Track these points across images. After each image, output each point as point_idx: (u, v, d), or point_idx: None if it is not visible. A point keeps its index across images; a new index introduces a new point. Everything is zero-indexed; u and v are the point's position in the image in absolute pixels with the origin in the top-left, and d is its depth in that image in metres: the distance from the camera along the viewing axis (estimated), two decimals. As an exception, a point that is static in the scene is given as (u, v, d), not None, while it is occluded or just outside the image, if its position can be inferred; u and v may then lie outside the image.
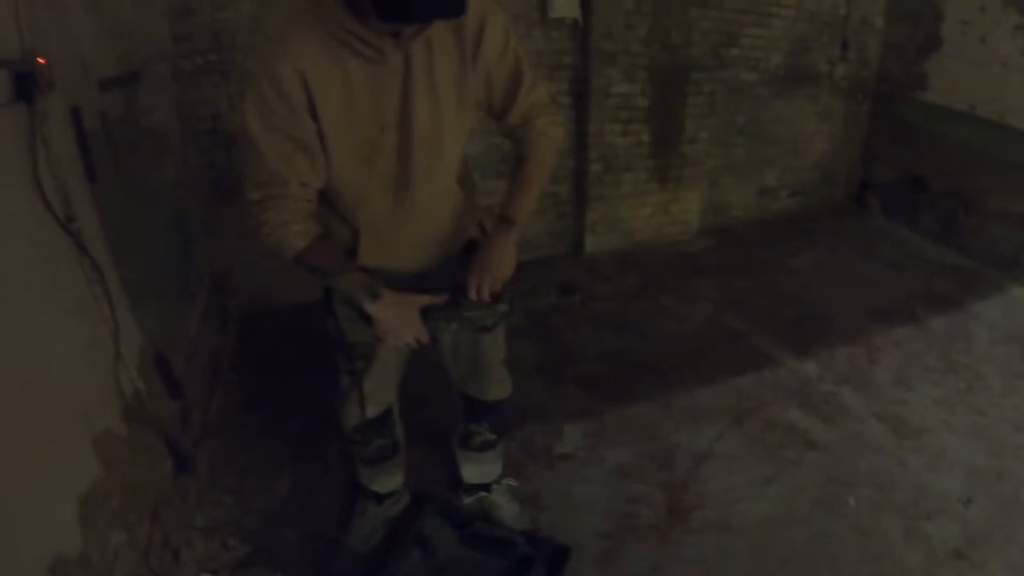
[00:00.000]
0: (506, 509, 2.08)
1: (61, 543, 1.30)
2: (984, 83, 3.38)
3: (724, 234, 3.88)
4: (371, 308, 1.43)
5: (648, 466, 2.29)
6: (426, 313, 1.47)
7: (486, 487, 2.10)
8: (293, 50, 1.22)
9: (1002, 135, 3.34)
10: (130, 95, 2.06)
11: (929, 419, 2.49)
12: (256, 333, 2.99)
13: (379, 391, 1.77)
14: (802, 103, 3.90)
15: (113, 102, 1.90)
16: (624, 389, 2.65)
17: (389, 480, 2.02)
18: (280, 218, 1.35)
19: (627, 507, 2.14)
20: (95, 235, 1.65)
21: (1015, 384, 2.67)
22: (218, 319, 2.75)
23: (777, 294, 3.31)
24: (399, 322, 1.46)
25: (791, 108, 3.88)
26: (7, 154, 1.35)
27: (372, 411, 1.79)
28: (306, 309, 3.10)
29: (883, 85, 3.98)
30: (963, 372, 2.75)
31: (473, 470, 2.08)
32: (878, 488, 2.20)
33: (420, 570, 1.90)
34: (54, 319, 1.46)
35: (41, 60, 1.40)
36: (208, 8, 2.55)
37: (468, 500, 2.12)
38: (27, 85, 1.36)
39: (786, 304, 3.22)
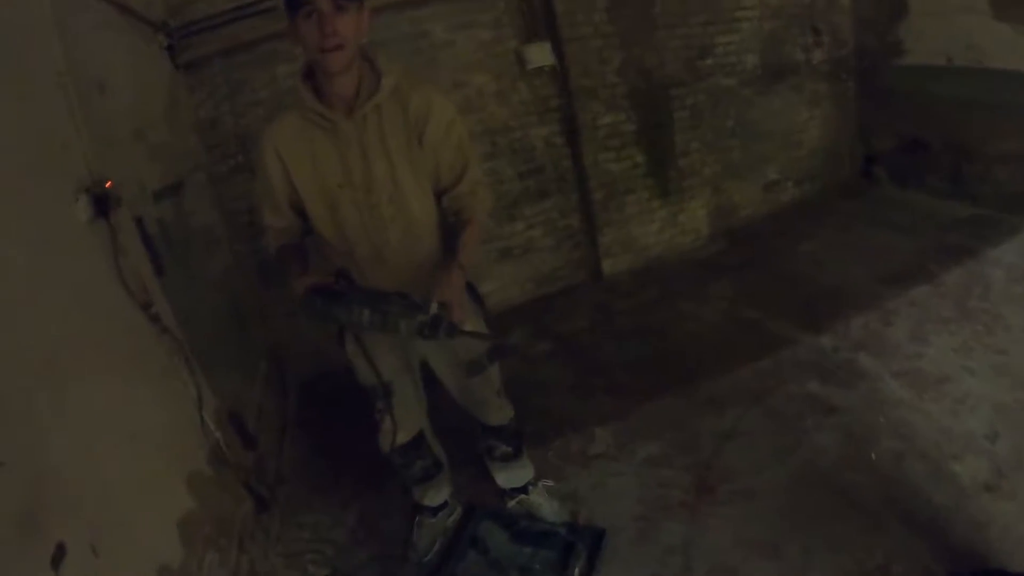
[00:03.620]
0: (546, 506, 2.36)
1: (166, 556, 1.67)
2: (955, 34, 3.56)
3: (736, 234, 4.07)
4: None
5: (675, 453, 2.49)
6: (387, 305, 1.65)
7: (523, 490, 2.39)
8: (273, 133, 1.76)
9: (984, 79, 3.49)
10: (177, 202, 2.54)
11: (948, 368, 2.59)
12: (315, 394, 3.38)
13: (405, 419, 2.10)
14: (788, 95, 4.11)
15: (165, 209, 2.37)
16: (650, 390, 2.86)
17: (438, 494, 2.34)
18: (270, 235, 1.92)
19: (658, 491, 2.34)
20: (169, 317, 2.08)
21: (1038, 317, 2.70)
22: (279, 384, 3.15)
23: (790, 279, 3.48)
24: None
25: (778, 102, 4.09)
26: (96, 260, 1.79)
27: (403, 437, 2.14)
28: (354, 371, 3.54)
29: (863, 60, 4.16)
30: (981, 316, 2.83)
31: (504, 476, 2.40)
32: (900, 439, 2.31)
33: (477, 568, 2.19)
34: (146, 384, 1.88)
35: (109, 183, 1.86)
36: (230, 118, 3.06)
37: (511, 503, 2.41)
38: (103, 204, 1.81)
39: (799, 286, 3.39)
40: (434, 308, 1.64)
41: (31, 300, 1.46)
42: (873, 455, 2.28)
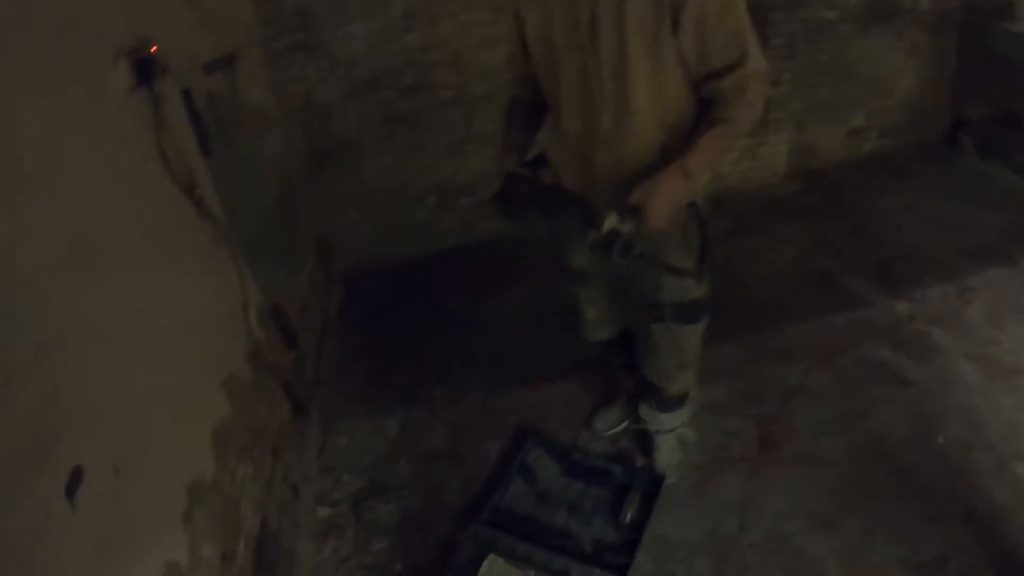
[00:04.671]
0: (663, 453, 2.10)
1: (198, 469, 1.47)
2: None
3: (812, 177, 3.69)
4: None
5: (740, 402, 2.29)
6: (562, 215, 1.50)
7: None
8: None
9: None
10: (230, 76, 2.21)
11: (1022, 360, 2.31)
12: (360, 292, 3.16)
13: (596, 320, 1.95)
14: (887, 39, 3.61)
15: (217, 83, 2.05)
16: (716, 331, 2.59)
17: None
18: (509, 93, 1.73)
19: (720, 440, 2.16)
20: (214, 201, 1.81)
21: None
22: (324, 279, 2.93)
23: (867, 235, 3.14)
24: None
25: (875, 45, 3.60)
26: (135, 133, 1.50)
27: (594, 336, 1.98)
28: (405, 268, 3.33)
29: (970, 16, 3.62)
30: (1059, 312, 2.50)
31: (647, 413, 2.08)
32: (969, 427, 2.09)
33: (524, 498, 2.03)
34: (185, 276, 1.63)
35: (154, 48, 1.53)
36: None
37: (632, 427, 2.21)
38: (145, 71, 1.50)
39: (877, 245, 3.06)
40: (611, 223, 1.41)
41: (53, 173, 1.18)
42: (941, 439, 2.07)
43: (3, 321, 0.99)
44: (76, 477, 1.06)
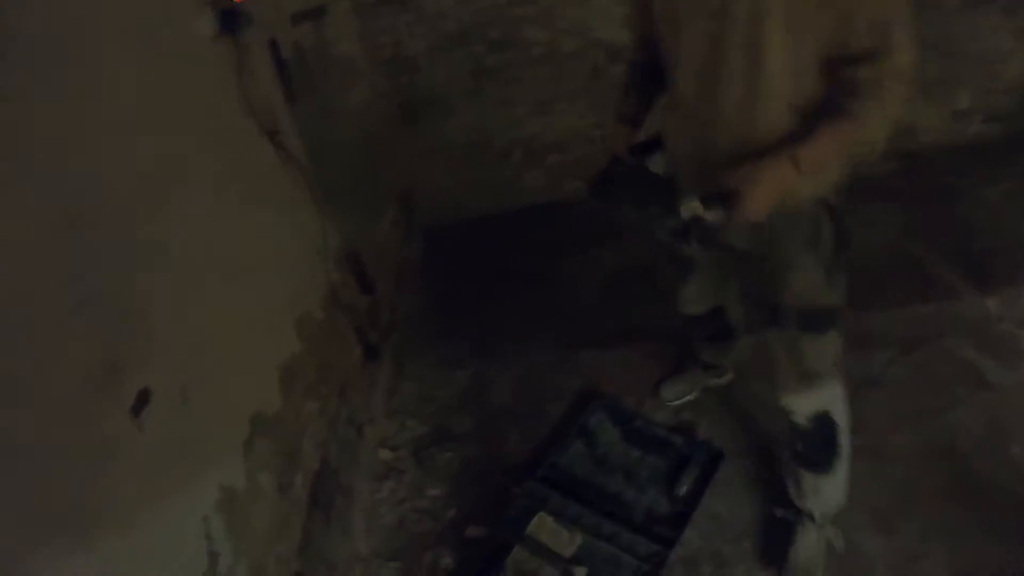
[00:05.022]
0: (801, 550, 1.71)
1: (263, 401, 1.56)
2: None
3: (911, 158, 3.36)
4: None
5: None
6: (649, 202, 1.43)
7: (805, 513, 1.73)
8: None
9: None
10: (318, 27, 2.25)
11: None
12: (440, 245, 3.21)
13: (696, 296, 1.88)
14: (997, 18, 3.17)
15: (304, 34, 2.09)
16: None
17: (715, 357, 2.14)
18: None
19: None
20: (296, 147, 1.87)
21: None
22: (405, 230, 2.99)
23: (964, 224, 2.85)
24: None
25: (984, 22, 3.18)
26: (220, 80, 1.57)
27: (690, 310, 1.92)
28: (486, 223, 3.35)
29: None
30: None
31: (795, 485, 1.72)
32: None
33: (581, 460, 2.03)
34: (264, 215, 1.70)
35: (239, -1, 1.59)
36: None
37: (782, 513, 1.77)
38: (230, 21, 1.55)
39: (973, 235, 2.77)
40: (692, 208, 1.29)
41: (141, 110, 1.26)
42: (1016, 450, 1.90)
43: (83, 249, 1.07)
44: (143, 398, 1.15)
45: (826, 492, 1.67)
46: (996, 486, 1.81)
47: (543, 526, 1.82)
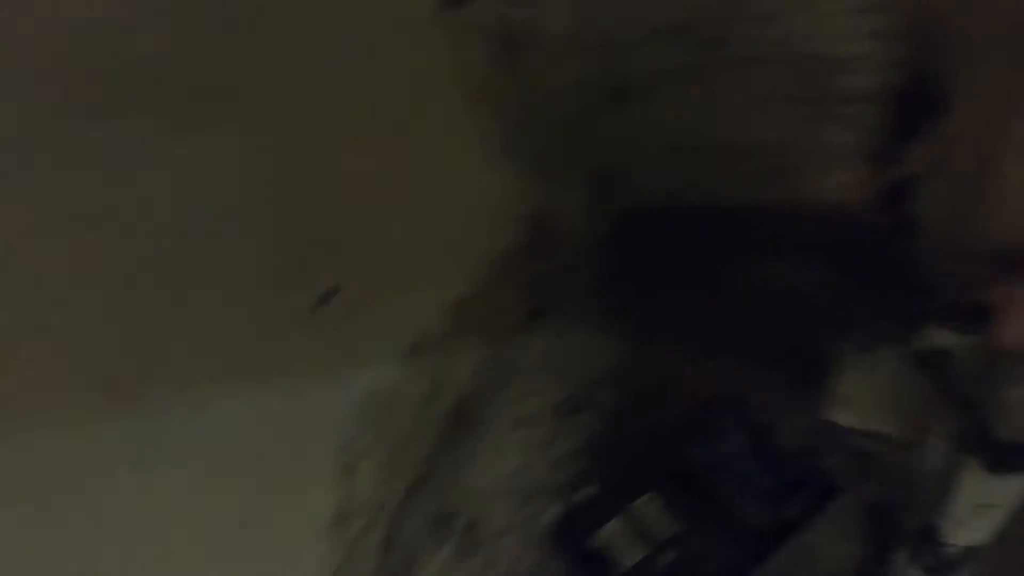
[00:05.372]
0: None
1: (424, 326, 1.81)
2: None
3: None
4: None
5: None
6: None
7: None
8: None
9: None
10: (533, 2, 2.40)
11: None
12: (628, 227, 3.22)
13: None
14: None
15: (519, 8, 2.25)
16: None
17: None
18: None
19: None
20: (504, 109, 2.04)
21: None
22: (594, 208, 3.09)
23: None
24: None
25: None
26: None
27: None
28: (676, 214, 3.32)
29: None
30: None
31: None
32: None
33: (704, 457, 1.98)
34: (462, 161, 1.93)
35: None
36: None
37: None
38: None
39: None
40: (938, 338, 1.10)
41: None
42: None
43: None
44: (330, 292, 1.42)
45: None
46: None
47: (648, 506, 1.88)
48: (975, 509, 1.24)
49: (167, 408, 1.17)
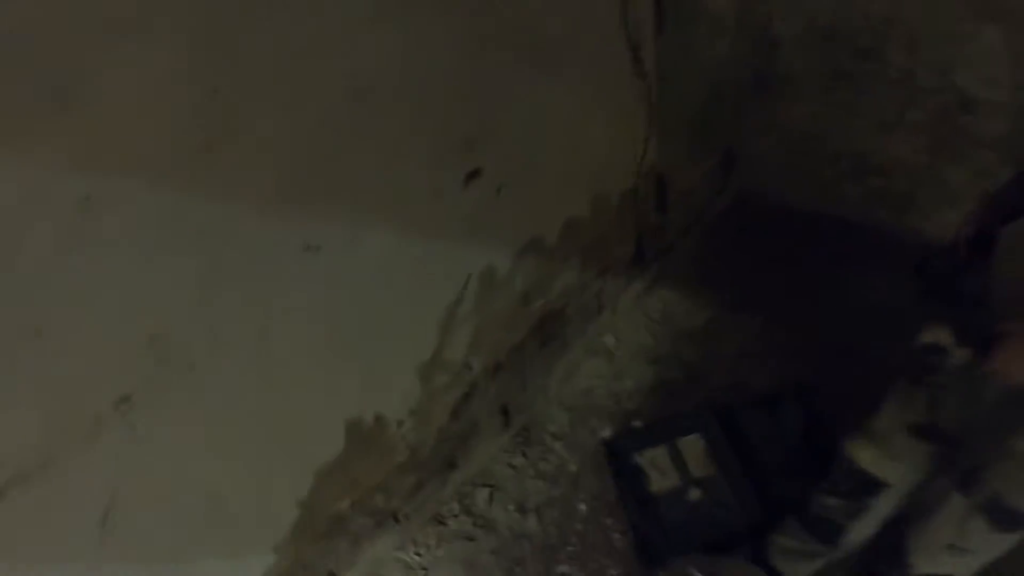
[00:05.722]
0: None
1: (540, 235, 2.02)
2: None
3: None
4: None
5: None
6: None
7: None
8: None
9: None
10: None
11: None
12: (744, 212, 3.31)
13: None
14: None
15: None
16: None
17: None
18: None
19: None
20: (651, 70, 2.23)
21: None
22: (718, 184, 3.22)
23: None
24: None
25: None
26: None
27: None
28: (791, 210, 3.36)
29: None
30: None
31: None
32: None
33: (759, 428, 2.14)
34: (605, 106, 2.10)
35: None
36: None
37: None
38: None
39: None
40: (934, 335, 1.18)
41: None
42: None
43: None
44: (475, 173, 1.66)
45: None
46: None
47: (693, 444, 2.06)
48: (948, 549, 1.32)
49: (331, 229, 1.43)
